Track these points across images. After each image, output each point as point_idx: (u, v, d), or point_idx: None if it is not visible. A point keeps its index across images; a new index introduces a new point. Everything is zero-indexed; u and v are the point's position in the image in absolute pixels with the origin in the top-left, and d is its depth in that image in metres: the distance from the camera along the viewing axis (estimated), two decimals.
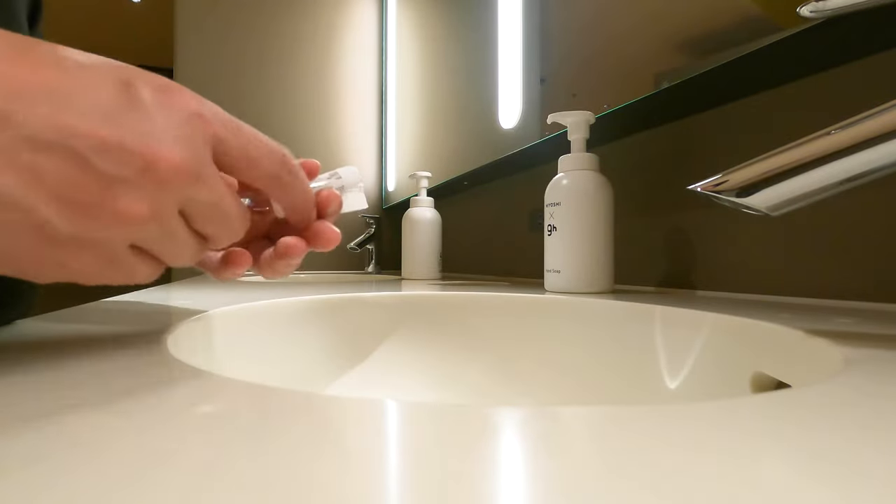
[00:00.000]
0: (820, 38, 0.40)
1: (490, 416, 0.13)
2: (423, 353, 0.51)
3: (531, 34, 0.81)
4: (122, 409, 0.13)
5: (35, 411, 0.13)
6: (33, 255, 0.17)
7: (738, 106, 0.53)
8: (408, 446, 0.11)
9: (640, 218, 0.65)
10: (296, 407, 0.14)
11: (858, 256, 0.43)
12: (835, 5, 0.25)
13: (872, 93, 0.42)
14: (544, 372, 0.47)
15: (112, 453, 0.10)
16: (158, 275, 0.22)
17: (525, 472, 0.10)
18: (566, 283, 0.55)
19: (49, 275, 0.18)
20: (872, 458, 0.10)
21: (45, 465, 0.10)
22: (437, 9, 1.25)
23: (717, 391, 0.32)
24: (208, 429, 0.12)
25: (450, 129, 1.14)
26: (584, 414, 0.13)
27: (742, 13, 0.45)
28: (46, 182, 0.16)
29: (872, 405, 0.14)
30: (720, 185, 0.24)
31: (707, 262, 0.56)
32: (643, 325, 0.39)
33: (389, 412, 0.13)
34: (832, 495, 0.09)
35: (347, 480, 0.09)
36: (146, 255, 0.21)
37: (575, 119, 0.58)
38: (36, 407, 0.13)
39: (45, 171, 0.16)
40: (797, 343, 0.26)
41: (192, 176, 0.19)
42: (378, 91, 1.75)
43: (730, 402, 0.14)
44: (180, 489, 0.09)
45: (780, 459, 0.10)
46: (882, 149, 0.20)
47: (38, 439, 0.11)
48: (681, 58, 0.51)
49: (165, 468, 0.10)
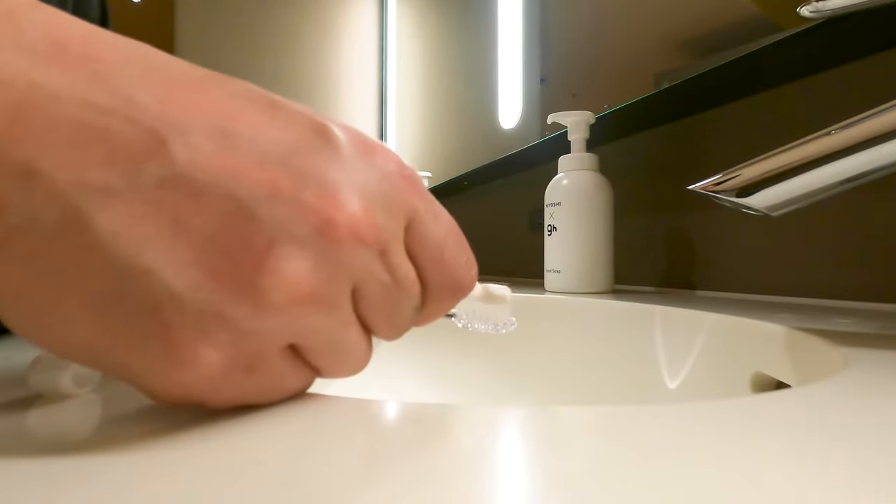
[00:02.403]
0: (820, 38, 0.40)
1: (490, 415, 0.13)
2: (423, 353, 0.51)
3: (531, 34, 0.81)
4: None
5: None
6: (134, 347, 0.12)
7: (738, 106, 0.53)
8: (408, 446, 0.11)
9: (640, 218, 0.65)
10: (296, 407, 0.14)
11: (858, 256, 0.43)
12: (835, 5, 0.25)
13: (872, 93, 0.42)
14: (544, 372, 0.47)
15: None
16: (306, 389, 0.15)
17: (525, 472, 0.10)
18: (566, 283, 0.55)
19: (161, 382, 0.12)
20: (872, 458, 0.10)
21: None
22: (437, 9, 1.25)
23: (717, 391, 0.32)
24: (210, 430, 0.12)
25: (450, 129, 1.14)
26: (584, 414, 0.13)
27: (742, 13, 0.45)
28: (191, 238, 0.12)
29: (872, 405, 0.14)
30: (720, 185, 0.24)
31: (707, 262, 0.56)
32: (643, 325, 0.39)
33: (390, 412, 0.13)
34: (832, 495, 0.09)
35: (348, 480, 0.09)
36: (299, 361, 0.14)
37: (575, 119, 0.58)
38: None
39: (192, 225, 0.12)
40: (797, 343, 0.26)
41: (378, 245, 0.14)
42: (378, 91, 1.75)
43: (730, 402, 0.14)
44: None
45: (780, 459, 0.10)
46: (882, 149, 0.20)
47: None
48: (681, 58, 0.51)
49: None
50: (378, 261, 0.14)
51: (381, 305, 0.15)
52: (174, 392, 0.12)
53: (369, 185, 0.14)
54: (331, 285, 0.13)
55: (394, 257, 0.15)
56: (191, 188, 0.12)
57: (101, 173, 0.11)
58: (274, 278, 0.12)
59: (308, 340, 0.14)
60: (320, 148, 0.14)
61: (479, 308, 0.22)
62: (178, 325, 0.12)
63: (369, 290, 0.15)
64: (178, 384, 0.12)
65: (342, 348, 0.15)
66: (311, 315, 0.13)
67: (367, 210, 0.14)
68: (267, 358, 0.13)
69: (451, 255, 0.17)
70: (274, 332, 0.13)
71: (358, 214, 0.14)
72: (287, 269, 0.12)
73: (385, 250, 0.15)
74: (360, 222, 0.14)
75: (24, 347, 0.23)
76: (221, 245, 0.12)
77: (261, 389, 0.14)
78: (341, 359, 0.15)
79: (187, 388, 0.12)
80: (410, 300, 0.16)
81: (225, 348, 0.12)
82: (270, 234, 0.12)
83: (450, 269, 0.17)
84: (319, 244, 0.13)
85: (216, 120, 0.12)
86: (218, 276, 0.12)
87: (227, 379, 0.13)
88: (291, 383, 0.14)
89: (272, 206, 0.12)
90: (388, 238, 0.15)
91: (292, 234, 0.13)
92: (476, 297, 0.22)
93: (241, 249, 0.12)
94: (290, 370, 0.14)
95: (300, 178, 0.13)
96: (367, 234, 0.14)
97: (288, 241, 0.12)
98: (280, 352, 0.13)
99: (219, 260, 0.12)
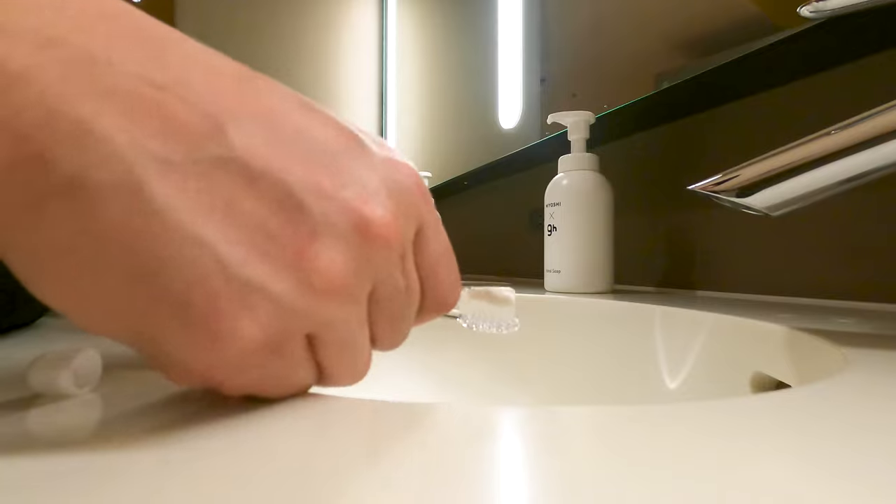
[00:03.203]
0: (820, 38, 0.40)
1: (490, 415, 0.13)
2: (422, 353, 0.51)
3: (531, 34, 0.81)
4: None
5: None
6: (211, 297, 0.12)
7: (737, 106, 0.53)
8: (408, 446, 0.11)
9: (640, 218, 0.65)
10: (296, 406, 0.14)
11: (858, 256, 0.43)
12: (835, 5, 0.25)
13: (872, 93, 0.42)
14: (544, 372, 0.47)
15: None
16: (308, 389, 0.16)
17: (525, 472, 0.10)
18: (566, 283, 0.55)
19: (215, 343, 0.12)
20: (872, 458, 0.10)
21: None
22: (437, 9, 1.25)
23: (717, 391, 0.32)
24: (211, 430, 0.12)
25: (450, 129, 1.14)
26: (584, 414, 0.13)
27: (742, 13, 0.45)
28: (243, 218, 0.12)
29: (872, 405, 0.14)
30: (720, 185, 0.24)
31: (707, 262, 0.56)
32: (643, 325, 0.39)
33: (389, 412, 0.13)
34: (832, 495, 0.09)
35: (348, 480, 0.09)
36: (311, 357, 0.15)
37: (575, 119, 0.58)
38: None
39: (245, 207, 0.12)
40: (797, 343, 0.26)
41: (400, 248, 0.15)
42: (378, 91, 1.75)
43: (730, 402, 0.14)
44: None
45: (780, 460, 0.10)
46: (882, 149, 0.20)
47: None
48: (681, 58, 0.51)
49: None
50: (398, 264, 0.15)
51: (391, 309, 0.16)
52: (199, 369, 0.12)
53: (395, 191, 0.15)
54: (357, 280, 0.14)
55: (408, 263, 0.16)
56: (246, 173, 0.12)
57: (159, 143, 0.11)
58: (315, 264, 0.13)
59: (326, 333, 0.14)
60: (355, 151, 0.15)
61: (484, 309, 0.22)
62: (224, 296, 0.12)
63: (385, 292, 0.16)
64: (209, 359, 0.12)
65: (352, 347, 0.15)
66: (336, 306, 0.14)
67: (395, 215, 0.15)
68: (291, 342, 0.14)
69: (445, 271, 0.18)
70: (306, 316, 0.13)
71: (388, 217, 0.15)
72: (326, 257, 0.13)
73: (404, 255, 0.16)
74: (390, 224, 0.15)
75: (24, 347, 0.23)
76: (270, 229, 0.13)
77: (276, 377, 0.14)
78: (349, 360, 0.15)
79: (215, 366, 0.12)
80: (412, 308, 0.17)
81: (263, 325, 0.12)
82: (314, 225, 0.13)
83: (442, 285, 0.18)
84: (355, 240, 0.14)
85: (263, 114, 0.13)
86: (265, 256, 0.12)
87: (256, 359, 0.13)
88: (301, 377, 0.15)
89: (318, 199, 0.13)
90: (406, 244, 0.16)
91: (334, 228, 0.13)
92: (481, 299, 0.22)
93: (287, 235, 0.13)
94: (304, 362, 0.14)
95: (340, 177, 0.14)
96: (394, 236, 0.15)
97: (329, 233, 0.13)
98: (302, 339, 0.14)
99: (266, 242, 0.12)
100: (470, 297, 0.22)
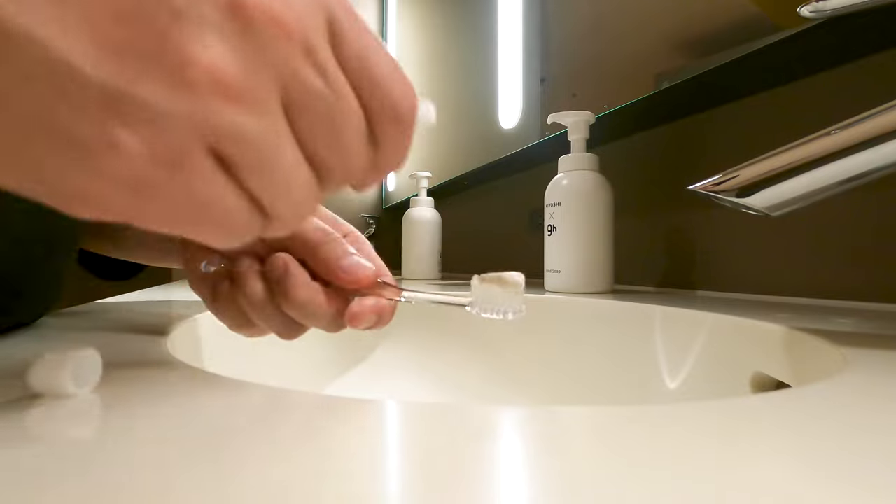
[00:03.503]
0: (820, 38, 0.40)
1: (490, 415, 0.13)
2: (422, 354, 0.51)
3: (531, 34, 0.81)
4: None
5: None
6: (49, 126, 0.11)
7: (737, 106, 0.53)
8: (407, 446, 0.11)
9: (640, 218, 0.65)
10: (296, 407, 0.14)
11: (858, 256, 0.43)
12: (835, 5, 0.25)
13: (872, 93, 0.42)
14: (544, 372, 0.47)
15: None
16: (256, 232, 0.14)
17: (525, 472, 0.10)
18: (566, 283, 0.55)
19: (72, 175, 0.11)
20: (872, 458, 0.10)
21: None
22: (437, 9, 1.25)
23: (717, 391, 0.32)
24: (211, 430, 0.12)
25: (450, 128, 1.14)
26: (583, 414, 0.13)
27: (742, 13, 0.45)
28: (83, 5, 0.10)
29: (871, 405, 0.14)
30: (720, 185, 0.24)
31: (707, 262, 0.56)
32: (643, 325, 0.39)
33: (389, 412, 0.13)
34: (831, 496, 0.09)
35: (348, 480, 0.09)
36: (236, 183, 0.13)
37: (575, 119, 0.58)
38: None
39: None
40: (797, 343, 0.26)
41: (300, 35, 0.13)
42: None
43: (730, 402, 0.14)
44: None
45: (780, 459, 0.10)
46: (882, 149, 0.20)
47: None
48: (681, 58, 0.51)
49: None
50: (303, 58, 0.13)
51: (319, 118, 0.14)
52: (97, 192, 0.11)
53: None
54: (253, 77, 0.12)
55: (322, 59, 0.14)
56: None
57: None
58: (183, 55, 0.11)
59: (236, 147, 0.13)
60: None
61: (495, 294, 0.22)
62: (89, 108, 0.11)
63: (298, 96, 0.13)
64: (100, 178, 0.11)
65: (277, 167, 0.13)
66: (232, 110, 0.12)
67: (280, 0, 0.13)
68: (190, 154, 0.12)
69: (380, 69, 0.15)
70: (192, 120, 0.12)
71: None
72: (197, 46, 0.11)
73: (310, 48, 0.13)
74: (273, 5, 0.12)
75: (24, 347, 0.23)
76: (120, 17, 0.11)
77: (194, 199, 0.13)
78: (279, 183, 0.14)
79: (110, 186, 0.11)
80: (348, 116, 0.15)
81: (142, 133, 0.11)
82: (175, 9, 0.11)
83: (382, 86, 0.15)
84: (231, 25, 0.12)
85: None
86: (121, 52, 0.11)
87: (153, 175, 0.12)
88: (229, 205, 0.13)
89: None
90: (309, 32, 0.13)
91: (200, 14, 0.11)
92: (492, 283, 0.22)
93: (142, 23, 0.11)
94: (222, 182, 0.13)
95: None
96: (283, 17, 0.12)
97: (196, 20, 0.11)
98: (205, 150, 0.12)
99: (119, 33, 0.11)
100: (480, 282, 0.22)
